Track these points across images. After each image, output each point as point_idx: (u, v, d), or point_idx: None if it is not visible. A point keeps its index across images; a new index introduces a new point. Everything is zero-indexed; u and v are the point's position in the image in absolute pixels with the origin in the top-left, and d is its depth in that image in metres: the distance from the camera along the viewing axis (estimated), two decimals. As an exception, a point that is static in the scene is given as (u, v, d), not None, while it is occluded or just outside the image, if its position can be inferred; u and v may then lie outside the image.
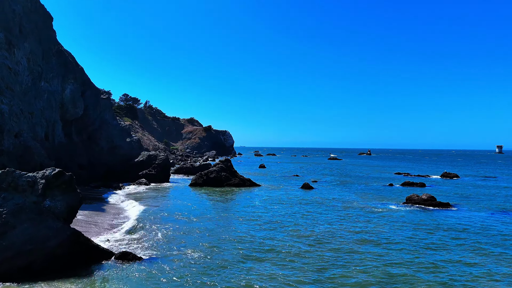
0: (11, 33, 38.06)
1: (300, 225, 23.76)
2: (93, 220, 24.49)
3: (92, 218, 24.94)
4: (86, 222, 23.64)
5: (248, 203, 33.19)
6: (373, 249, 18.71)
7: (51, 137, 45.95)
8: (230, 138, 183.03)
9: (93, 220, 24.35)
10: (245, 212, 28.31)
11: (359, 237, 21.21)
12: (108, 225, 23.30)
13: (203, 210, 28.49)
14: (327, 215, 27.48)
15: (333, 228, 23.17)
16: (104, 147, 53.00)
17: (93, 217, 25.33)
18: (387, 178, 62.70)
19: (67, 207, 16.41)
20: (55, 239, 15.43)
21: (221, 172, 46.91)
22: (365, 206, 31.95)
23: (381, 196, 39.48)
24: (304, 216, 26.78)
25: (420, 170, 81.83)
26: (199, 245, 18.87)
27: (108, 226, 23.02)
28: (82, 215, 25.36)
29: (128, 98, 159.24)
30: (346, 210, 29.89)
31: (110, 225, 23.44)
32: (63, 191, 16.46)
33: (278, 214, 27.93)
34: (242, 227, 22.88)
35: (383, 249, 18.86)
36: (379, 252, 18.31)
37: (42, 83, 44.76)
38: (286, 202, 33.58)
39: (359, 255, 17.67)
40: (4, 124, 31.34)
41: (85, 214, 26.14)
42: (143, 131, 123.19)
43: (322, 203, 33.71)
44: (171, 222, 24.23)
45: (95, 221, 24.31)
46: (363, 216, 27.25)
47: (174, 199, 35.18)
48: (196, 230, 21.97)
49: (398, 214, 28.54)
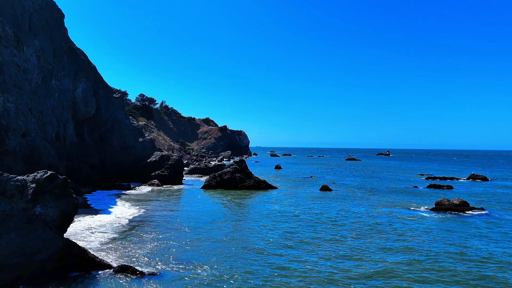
0: (20, 30, 37.06)
1: (323, 238, 21.36)
2: (93, 224, 22.85)
3: (93, 222, 23.31)
4: (86, 228, 21.98)
5: (264, 208, 31.04)
6: (417, 266, 16.26)
7: (62, 137, 44.95)
8: (245, 138, 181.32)
9: (93, 224, 22.70)
10: (260, 220, 26.11)
11: (396, 248, 18.79)
12: (108, 231, 21.57)
13: (214, 218, 26.46)
14: (352, 223, 25.04)
15: (363, 240, 20.71)
16: (116, 147, 51.81)
17: (94, 221, 23.70)
18: (410, 180, 59.51)
19: (60, 214, 14.66)
20: (45, 251, 13.69)
21: (235, 174, 44.95)
22: (393, 212, 29.34)
23: (407, 199, 36.69)
24: (327, 225, 24.33)
25: (444, 172, 77.96)
26: (207, 259, 16.81)
27: (107, 232, 21.28)
28: (84, 218, 23.81)
29: (144, 98, 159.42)
30: (373, 218, 27.27)
31: (109, 230, 21.71)
32: (56, 197, 14.72)
33: (297, 222, 25.65)
34: (256, 239, 20.62)
35: (429, 264, 16.42)
36: (427, 267, 15.89)
37: (53, 82, 43.78)
38: (305, 208, 31.23)
39: (405, 272, 15.30)
40: (10, 123, 30.15)
41: (87, 216, 24.61)
42: (159, 131, 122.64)
43: (344, 208, 31.25)
44: (177, 231, 22.33)
45: (96, 225, 22.65)
46: (394, 224, 24.57)
47: (184, 204, 33.36)
48: (205, 241, 19.96)
49: (431, 221, 25.87)
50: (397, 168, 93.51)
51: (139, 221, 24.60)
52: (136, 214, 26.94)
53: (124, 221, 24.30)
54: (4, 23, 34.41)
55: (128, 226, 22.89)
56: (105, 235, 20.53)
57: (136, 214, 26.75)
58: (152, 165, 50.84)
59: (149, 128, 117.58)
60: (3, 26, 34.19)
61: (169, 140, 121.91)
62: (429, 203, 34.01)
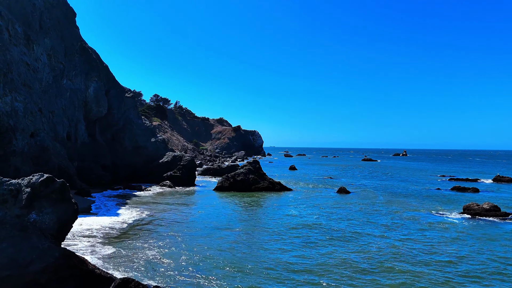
0: (30, 28, 36.43)
1: (345, 246, 19.69)
2: (96, 227, 21.68)
3: (96, 225, 22.15)
4: (87, 234, 20.81)
5: (279, 213, 29.43)
6: (459, 281, 14.47)
7: (73, 137, 44.29)
8: (259, 138, 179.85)
9: (96, 228, 21.53)
10: (276, 226, 24.48)
11: (430, 261, 16.98)
12: (111, 237, 20.34)
13: (225, 223, 24.97)
14: (375, 229, 23.26)
15: (392, 251, 18.93)
16: (128, 147, 50.98)
17: (98, 224, 22.54)
18: (431, 181, 56.95)
19: (57, 221, 13.40)
20: (39, 262, 12.42)
21: (248, 175, 43.47)
22: (419, 217, 27.34)
23: (432, 203, 34.52)
24: (348, 232, 22.55)
25: (466, 173, 74.83)
26: (217, 272, 15.35)
27: (110, 238, 20.05)
28: (87, 221, 22.62)
29: (159, 98, 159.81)
30: (399, 225, 25.40)
31: (113, 235, 20.48)
32: (53, 202, 13.47)
33: (317, 230, 23.95)
34: (271, 251, 19.00)
35: (470, 279, 14.60)
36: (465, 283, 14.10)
37: (65, 81, 43.16)
38: (323, 213, 29.47)
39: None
40: (18, 123, 29.38)
41: (91, 219, 23.47)
42: (172, 131, 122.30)
43: (365, 212, 29.38)
44: (186, 238, 20.97)
45: (98, 229, 21.47)
46: (423, 232, 22.62)
47: (195, 207, 32.03)
48: (215, 250, 18.51)
49: (462, 227, 23.83)
50: (416, 169, 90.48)
51: (145, 225, 23.33)
52: (143, 217, 25.72)
53: (129, 226, 23.08)
54: (13, 21, 33.78)
55: (133, 231, 21.63)
56: (107, 241, 19.30)
57: (143, 218, 25.52)
58: (164, 166, 49.82)
59: (163, 128, 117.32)
60: (12, 24, 33.55)
61: (182, 140, 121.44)
62: (456, 207, 31.85)
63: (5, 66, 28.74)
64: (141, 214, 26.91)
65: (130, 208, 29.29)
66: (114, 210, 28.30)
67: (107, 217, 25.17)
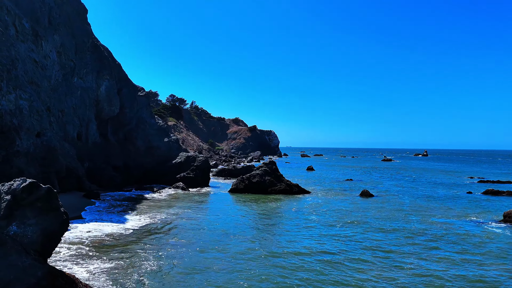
0: (39, 24, 35.16)
1: (374, 262, 17.28)
2: (97, 235, 19.87)
3: (98, 233, 20.35)
4: (86, 243, 18.97)
5: (298, 219, 27.10)
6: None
7: (84, 137, 43.03)
8: (275, 138, 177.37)
9: (97, 236, 19.71)
10: (295, 235, 22.24)
11: (477, 281, 14.43)
12: (110, 247, 18.45)
13: (239, 231, 22.84)
14: (407, 239, 20.72)
15: (430, 267, 16.43)
16: (140, 147, 49.50)
17: (99, 231, 20.73)
18: (460, 183, 53.44)
19: (42, 234, 11.50)
20: (18, 283, 10.53)
21: (265, 176, 41.25)
22: (454, 226, 24.56)
23: (466, 209, 31.53)
24: (375, 244, 20.02)
25: (496, 175, 70.61)
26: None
27: (109, 250, 18.16)
28: (88, 227, 20.79)
29: (175, 98, 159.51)
30: (434, 235, 22.74)
31: (113, 245, 18.59)
32: (37, 212, 11.58)
33: (340, 239, 21.57)
34: (291, 263, 16.89)
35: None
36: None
37: (75, 79, 41.90)
38: (346, 219, 26.97)
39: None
40: (23, 122, 27.98)
41: (93, 224, 21.67)
42: (188, 131, 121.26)
43: (393, 219, 26.74)
44: (194, 247, 18.93)
45: (98, 237, 19.64)
46: (463, 244, 19.95)
47: (207, 211, 30.03)
48: (229, 265, 16.39)
49: (506, 239, 21.00)
50: (441, 170, 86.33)
51: (151, 233, 21.36)
52: (150, 223, 23.79)
53: (134, 233, 21.18)
54: (20, 17, 32.53)
55: (137, 240, 19.70)
56: (107, 251, 17.40)
57: (150, 224, 23.59)
58: (177, 167, 48.12)
59: (179, 128, 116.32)
60: (19, 20, 32.30)
61: (198, 140, 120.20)
62: (494, 213, 28.87)
63: (8, 62, 27.37)
64: (149, 219, 25.04)
65: (138, 213, 27.50)
66: (121, 214, 26.54)
67: (112, 223, 23.38)
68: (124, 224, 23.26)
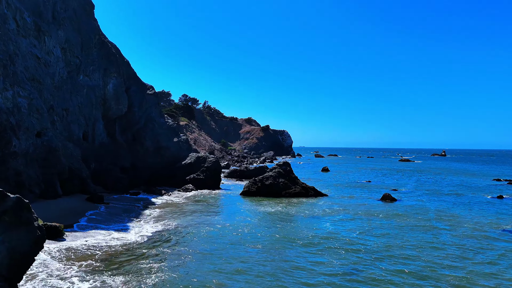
0: (42, 19, 33.61)
1: (402, 282, 14.83)
2: (93, 247, 17.92)
3: (93, 243, 18.40)
4: (80, 256, 16.99)
5: (314, 227, 24.67)
6: None
7: (90, 137, 41.45)
8: (288, 138, 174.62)
9: (92, 250, 17.76)
10: (312, 245, 19.87)
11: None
12: (104, 262, 16.42)
13: (249, 240, 20.58)
14: (439, 251, 18.18)
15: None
16: (149, 147, 47.72)
17: (97, 242, 18.78)
18: (486, 186, 50.06)
19: (9, 255, 9.49)
20: (-25, 318, 8.49)
21: (278, 179, 38.93)
22: (492, 237, 21.83)
23: (501, 216, 28.56)
24: (404, 257, 17.64)
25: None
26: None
27: (102, 264, 16.12)
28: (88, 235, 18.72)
29: (187, 98, 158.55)
30: (471, 248, 20.10)
31: (107, 261, 16.56)
32: (4, 228, 9.59)
33: (361, 253, 19.13)
34: (308, 278, 14.57)
35: None
36: None
37: (81, 77, 40.33)
38: (367, 227, 24.45)
39: None
40: (21, 121, 26.33)
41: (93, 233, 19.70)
42: (200, 131, 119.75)
43: (420, 228, 24.10)
44: (202, 258, 16.79)
45: (94, 250, 17.66)
46: (503, 259, 17.44)
47: (217, 216, 27.87)
48: (233, 280, 14.19)
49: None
50: (463, 171, 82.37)
51: (155, 244, 19.30)
52: (155, 231, 21.74)
53: (135, 243, 19.17)
54: (22, 11, 31.00)
55: (140, 252, 17.66)
56: (101, 268, 15.38)
57: (155, 232, 21.54)
58: (187, 168, 46.22)
59: (190, 128, 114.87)
60: (21, 14, 30.77)
61: (210, 141, 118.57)
62: (534, 222, 25.91)
63: (5, 57, 25.74)
64: (156, 227, 23.05)
65: (144, 219, 25.55)
66: (125, 221, 24.63)
67: (113, 231, 21.43)
68: (126, 233, 21.32)
